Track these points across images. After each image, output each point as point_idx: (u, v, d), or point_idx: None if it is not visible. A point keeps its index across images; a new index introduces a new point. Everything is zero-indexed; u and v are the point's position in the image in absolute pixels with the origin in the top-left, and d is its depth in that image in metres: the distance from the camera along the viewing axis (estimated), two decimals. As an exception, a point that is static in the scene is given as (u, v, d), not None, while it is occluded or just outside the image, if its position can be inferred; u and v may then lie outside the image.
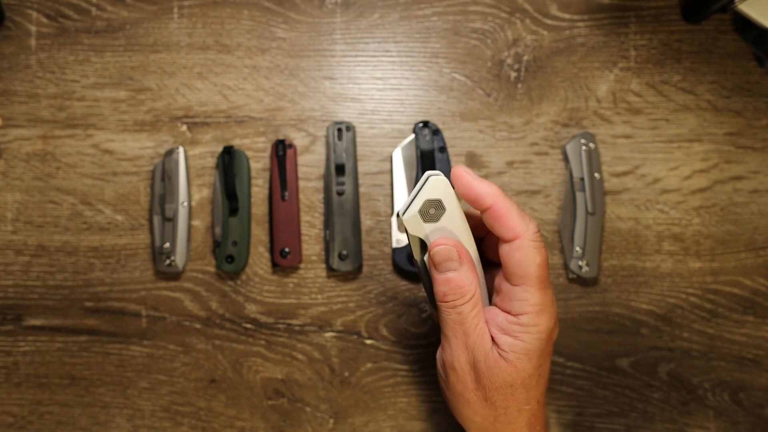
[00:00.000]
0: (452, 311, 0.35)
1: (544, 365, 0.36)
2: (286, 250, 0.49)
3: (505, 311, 0.35)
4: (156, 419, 0.49)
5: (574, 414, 0.49)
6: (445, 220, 0.35)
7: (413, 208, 0.35)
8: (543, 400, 0.37)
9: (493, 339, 0.35)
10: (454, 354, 0.36)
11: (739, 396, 0.49)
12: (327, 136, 0.50)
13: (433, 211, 0.35)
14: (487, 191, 0.34)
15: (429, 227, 0.35)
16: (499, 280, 0.36)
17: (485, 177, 0.50)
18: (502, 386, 0.35)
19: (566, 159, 0.50)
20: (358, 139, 0.51)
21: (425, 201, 0.35)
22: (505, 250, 0.34)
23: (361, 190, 0.50)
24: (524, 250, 0.33)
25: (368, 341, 0.49)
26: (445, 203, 0.35)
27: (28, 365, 0.50)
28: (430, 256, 0.36)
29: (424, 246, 0.36)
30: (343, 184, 0.49)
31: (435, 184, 0.35)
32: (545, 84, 0.51)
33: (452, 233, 0.36)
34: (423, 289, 0.48)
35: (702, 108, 0.51)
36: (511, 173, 0.51)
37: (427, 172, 0.35)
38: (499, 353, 0.34)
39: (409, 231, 0.36)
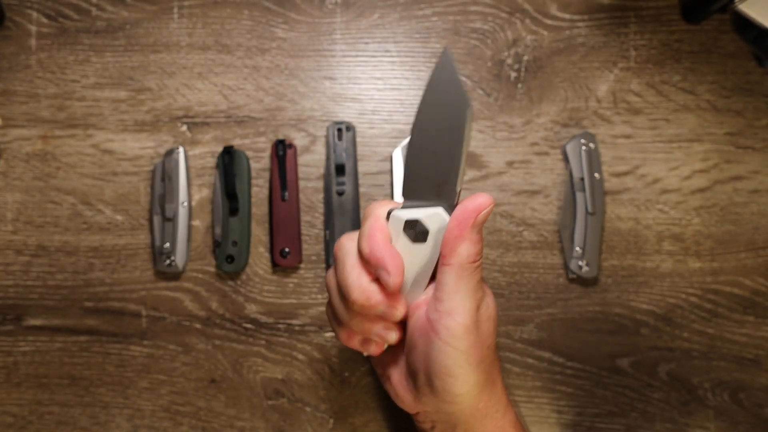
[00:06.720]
0: (478, 269, 0.34)
1: None
2: (286, 250, 0.49)
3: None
4: (156, 419, 0.49)
5: (574, 414, 0.49)
6: None
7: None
8: None
9: None
10: (471, 313, 0.33)
11: (740, 396, 0.49)
12: (327, 136, 0.50)
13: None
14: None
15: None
16: None
17: (485, 177, 0.50)
18: (493, 320, 0.36)
19: (566, 159, 0.50)
20: (358, 139, 0.51)
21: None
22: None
23: (361, 190, 0.50)
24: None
25: (368, 341, 0.49)
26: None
27: (28, 365, 0.50)
28: (476, 213, 0.33)
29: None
30: (343, 184, 0.49)
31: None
32: (545, 84, 0.51)
33: None
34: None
35: (702, 108, 0.51)
36: (511, 173, 0.50)
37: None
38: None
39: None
